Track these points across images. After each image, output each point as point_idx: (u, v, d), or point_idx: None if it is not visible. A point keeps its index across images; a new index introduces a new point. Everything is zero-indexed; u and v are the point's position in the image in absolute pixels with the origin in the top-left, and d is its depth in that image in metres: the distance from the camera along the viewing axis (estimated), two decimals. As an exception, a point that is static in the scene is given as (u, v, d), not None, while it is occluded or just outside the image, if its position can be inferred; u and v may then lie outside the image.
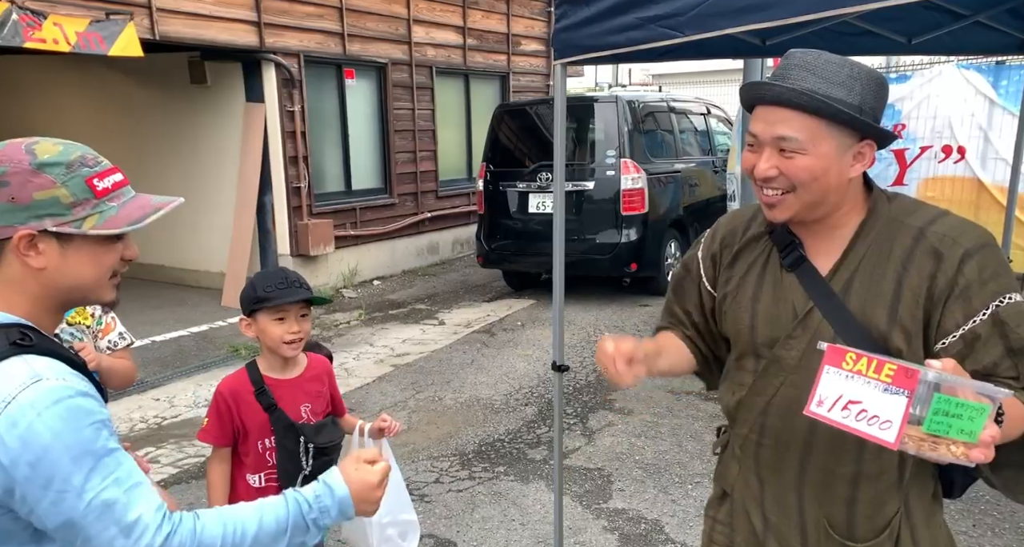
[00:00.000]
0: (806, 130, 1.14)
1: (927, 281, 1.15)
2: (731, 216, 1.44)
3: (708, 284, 1.41)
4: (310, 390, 1.95)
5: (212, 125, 7.11)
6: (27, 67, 8.08)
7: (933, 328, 1.16)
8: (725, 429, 1.46)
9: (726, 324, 1.36)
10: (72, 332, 1.94)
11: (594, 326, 6.02)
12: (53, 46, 4.85)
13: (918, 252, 1.17)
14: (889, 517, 1.25)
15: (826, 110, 1.12)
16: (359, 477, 1.12)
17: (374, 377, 4.99)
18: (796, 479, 1.28)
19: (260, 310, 1.83)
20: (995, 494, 3.18)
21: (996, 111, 5.13)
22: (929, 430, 0.93)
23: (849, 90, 1.14)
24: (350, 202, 7.75)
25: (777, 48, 2.73)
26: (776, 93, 1.14)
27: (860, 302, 1.19)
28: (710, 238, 1.43)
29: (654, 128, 7.09)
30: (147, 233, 6.41)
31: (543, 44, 10.13)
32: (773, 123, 1.16)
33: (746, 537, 1.37)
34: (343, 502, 1.10)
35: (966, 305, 1.13)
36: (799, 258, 1.26)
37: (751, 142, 1.22)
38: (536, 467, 3.62)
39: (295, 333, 1.84)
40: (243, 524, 1.02)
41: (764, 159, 1.18)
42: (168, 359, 5.45)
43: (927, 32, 2.74)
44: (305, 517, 1.07)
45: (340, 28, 7.37)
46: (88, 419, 0.94)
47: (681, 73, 18.81)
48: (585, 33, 1.93)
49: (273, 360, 1.91)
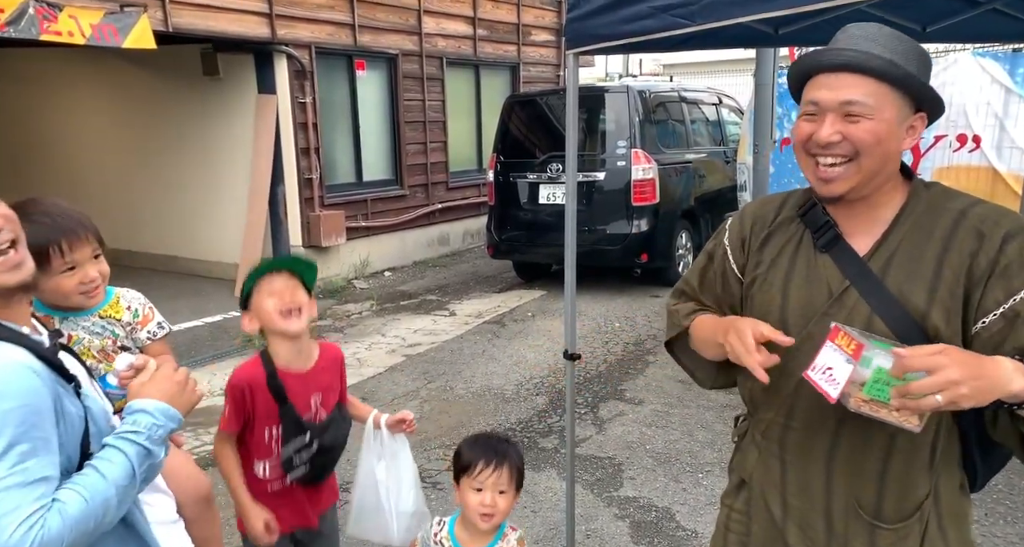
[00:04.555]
0: (875, 95, 1.15)
1: (968, 260, 1.17)
2: (759, 203, 1.43)
3: (737, 270, 1.38)
4: (321, 381, 1.93)
5: (224, 117, 7.15)
6: (42, 60, 8.14)
7: (973, 307, 1.17)
8: (743, 417, 1.46)
9: (754, 308, 1.34)
10: (103, 325, 1.97)
11: (604, 317, 6.03)
12: (68, 38, 4.89)
13: (960, 232, 1.19)
14: (919, 500, 1.25)
15: (896, 74, 1.14)
16: (153, 384, 1.22)
17: (386, 367, 5.03)
18: (826, 458, 1.28)
19: (254, 290, 1.84)
20: (1008, 483, 3.18)
21: (1012, 99, 5.07)
22: (868, 394, 1.08)
23: (907, 60, 1.16)
24: (361, 193, 7.78)
25: (790, 37, 2.71)
26: (848, 57, 1.16)
27: (898, 282, 1.21)
28: (737, 224, 1.41)
29: (665, 118, 7.06)
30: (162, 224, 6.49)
31: (553, 34, 10.09)
32: (839, 88, 1.16)
33: (763, 525, 1.36)
34: (159, 408, 1.18)
35: (1007, 284, 1.15)
36: (834, 238, 1.26)
37: (811, 111, 1.20)
38: (547, 456, 3.65)
39: (287, 302, 1.79)
40: (98, 488, 1.06)
41: (828, 124, 1.17)
42: (183, 349, 5.51)
43: (942, 19, 2.71)
44: (140, 443, 1.13)
45: (351, 19, 7.38)
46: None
47: (692, 63, 18.66)
48: (597, 22, 1.93)
49: (284, 349, 1.87)
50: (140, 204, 7.98)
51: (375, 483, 2.01)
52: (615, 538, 2.91)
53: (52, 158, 8.67)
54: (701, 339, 1.39)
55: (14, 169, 8.89)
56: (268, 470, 1.91)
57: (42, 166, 8.76)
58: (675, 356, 1.55)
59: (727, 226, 1.44)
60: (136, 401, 1.19)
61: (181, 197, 7.63)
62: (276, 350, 1.88)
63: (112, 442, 1.12)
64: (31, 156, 8.83)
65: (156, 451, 1.15)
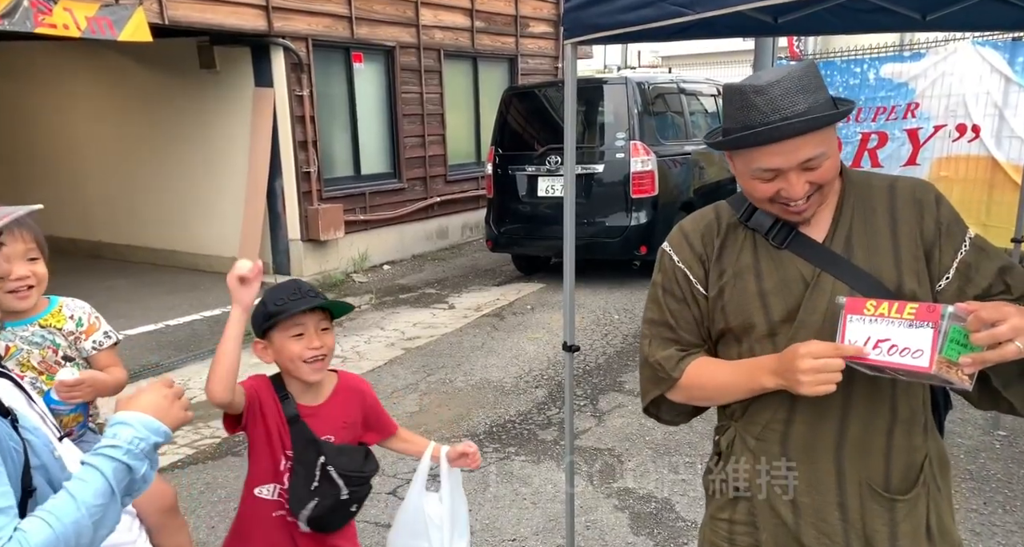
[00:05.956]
0: (822, 141, 1.22)
1: (917, 226, 1.28)
2: (693, 219, 1.42)
3: (701, 287, 1.35)
4: (335, 419, 1.72)
5: (222, 110, 7.13)
6: (38, 53, 8.10)
7: (936, 265, 1.28)
8: (724, 429, 1.41)
9: (728, 317, 1.32)
10: (43, 334, 1.87)
11: (604, 309, 6.03)
12: (63, 31, 4.87)
13: (899, 203, 1.30)
14: (919, 464, 1.31)
15: (835, 119, 1.21)
16: (139, 396, 1.15)
17: (385, 360, 5.03)
18: (834, 447, 1.28)
19: (274, 327, 1.64)
20: (1006, 473, 3.19)
21: (1012, 89, 5.05)
22: (945, 355, 1.09)
23: (818, 87, 1.22)
24: (359, 187, 7.77)
25: (789, 26, 2.70)
26: (794, 128, 1.18)
27: (864, 257, 1.28)
28: (684, 244, 1.38)
29: (664, 110, 7.04)
30: (160, 219, 6.46)
31: (551, 26, 10.05)
32: (791, 152, 1.20)
33: (774, 531, 1.33)
34: (143, 420, 1.11)
35: (953, 241, 1.28)
36: (790, 233, 1.31)
37: (769, 177, 1.23)
38: (547, 447, 3.65)
39: (316, 349, 1.63)
40: (66, 512, 0.99)
41: (794, 182, 1.22)
42: (182, 343, 5.52)
43: (942, 7, 2.69)
44: (118, 459, 1.06)
45: (348, 11, 7.34)
46: None
47: (691, 54, 18.61)
48: (595, 12, 1.92)
49: (294, 384, 1.70)
50: (137, 198, 7.96)
51: (424, 518, 1.75)
52: (615, 529, 2.92)
53: (47, 152, 8.64)
54: (716, 387, 1.34)
55: (8, 164, 8.87)
56: (276, 492, 1.71)
57: (37, 161, 8.73)
58: (652, 414, 1.47)
59: (669, 251, 1.40)
60: (118, 413, 1.13)
61: (178, 191, 7.61)
62: (287, 380, 1.72)
63: (87, 459, 1.06)
64: (26, 150, 8.80)
65: (137, 466, 1.09)
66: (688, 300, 1.37)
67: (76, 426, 1.91)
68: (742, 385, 1.29)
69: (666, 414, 1.48)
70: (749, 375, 1.27)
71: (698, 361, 1.36)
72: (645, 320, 1.44)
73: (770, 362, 1.23)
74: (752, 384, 1.26)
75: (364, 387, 1.82)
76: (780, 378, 1.20)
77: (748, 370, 1.28)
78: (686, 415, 1.50)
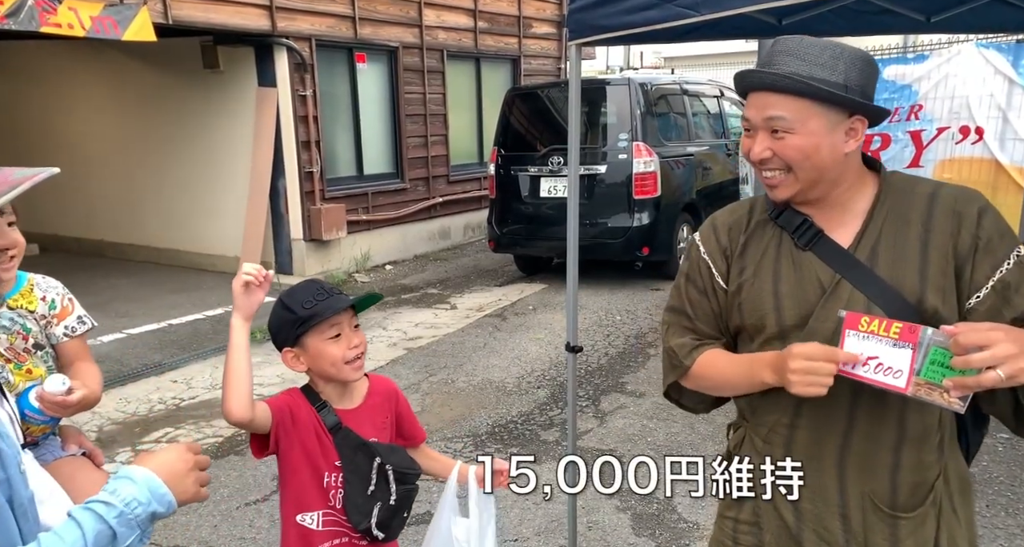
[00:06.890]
0: (793, 110, 1.20)
1: (951, 239, 1.22)
2: (728, 211, 1.43)
3: (721, 280, 1.36)
4: (375, 421, 1.63)
5: (225, 110, 7.14)
6: (42, 53, 8.12)
7: (966, 283, 1.22)
8: (737, 427, 1.43)
9: (743, 314, 1.33)
10: (12, 317, 1.65)
11: (606, 310, 6.03)
12: (68, 31, 4.88)
13: (936, 213, 1.24)
14: (931, 484, 1.27)
15: (807, 90, 1.19)
16: (158, 455, 1.01)
17: (387, 360, 5.04)
18: (837, 455, 1.27)
19: (308, 331, 1.51)
20: (1009, 475, 3.19)
21: (1016, 91, 5.04)
22: (925, 377, 1.09)
23: (832, 70, 1.20)
24: (362, 187, 7.77)
25: (794, 27, 2.69)
26: (760, 78, 1.23)
27: (888, 268, 1.23)
28: (712, 235, 1.39)
29: (667, 111, 7.03)
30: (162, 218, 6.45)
31: (554, 27, 10.05)
32: (762, 107, 1.23)
33: (776, 533, 1.33)
34: (150, 483, 0.96)
35: (992, 257, 1.21)
36: (815, 235, 1.28)
37: (746, 127, 1.28)
38: (548, 448, 3.66)
39: (356, 347, 1.56)
40: None
41: (758, 142, 1.25)
42: (185, 342, 5.53)
43: (946, 9, 2.69)
44: (107, 520, 0.91)
45: (351, 12, 7.35)
46: None
47: (693, 56, 18.61)
48: (600, 13, 1.92)
49: (331, 390, 1.59)
50: (140, 198, 7.97)
51: (453, 544, 1.62)
52: (617, 530, 2.92)
53: (52, 151, 8.66)
54: (722, 379, 1.35)
55: (12, 162, 8.86)
56: (321, 520, 1.56)
57: (42, 160, 8.74)
58: (673, 399, 1.49)
59: (698, 241, 1.41)
60: (128, 467, 0.99)
61: (181, 191, 7.63)
62: (320, 388, 1.61)
63: (73, 512, 0.93)
64: (31, 149, 8.82)
65: (124, 534, 0.92)
66: (708, 292, 1.38)
67: (41, 437, 1.72)
68: (744, 378, 1.30)
69: (687, 400, 1.49)
70: (751, 368, 1.28)
71: (710, 352, 1.37)
72: (667, 307, 1.46)
73: (771, 357, 1.24)
74: (753, 378, 1.27)
75: (396, 389, 1.75)
76: (777, 374, 1.21)
77: (750, 363, 1.29)
78: (707, 404, 1.49)
